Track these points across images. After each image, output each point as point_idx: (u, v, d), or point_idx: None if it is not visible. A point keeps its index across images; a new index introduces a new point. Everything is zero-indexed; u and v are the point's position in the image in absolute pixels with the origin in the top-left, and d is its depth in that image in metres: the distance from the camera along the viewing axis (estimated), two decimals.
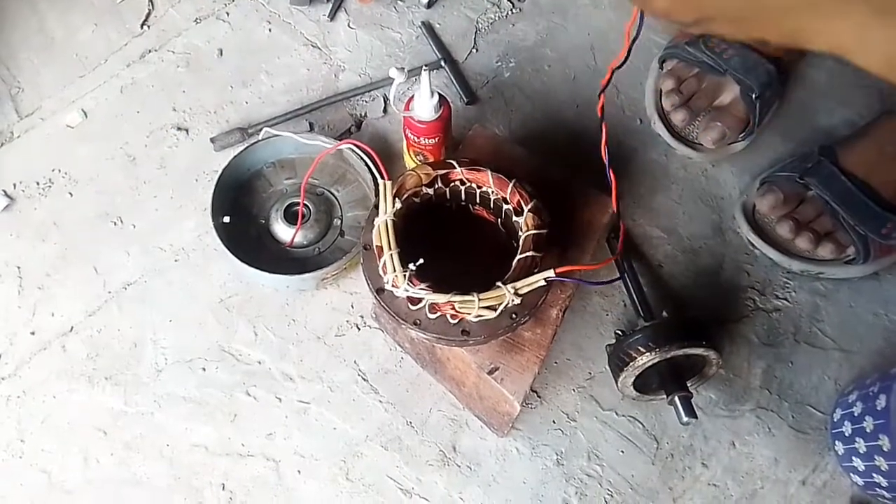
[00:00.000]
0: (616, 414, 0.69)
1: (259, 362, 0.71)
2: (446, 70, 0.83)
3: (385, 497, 0.66)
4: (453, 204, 0.62)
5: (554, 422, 0.68)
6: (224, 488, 0.66)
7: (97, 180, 0.78)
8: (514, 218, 0.58)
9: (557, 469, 0.67)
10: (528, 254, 0.55)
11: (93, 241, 0.75)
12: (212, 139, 0.79)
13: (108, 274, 0.74)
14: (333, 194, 0.77)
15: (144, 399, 0.69)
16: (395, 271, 0.53)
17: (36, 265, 0.74)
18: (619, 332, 0.64)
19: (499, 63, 0.85)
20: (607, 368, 0.65)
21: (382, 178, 0.57)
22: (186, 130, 0.81)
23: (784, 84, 0.79)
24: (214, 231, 0.70)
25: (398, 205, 0.56)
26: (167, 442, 0.67)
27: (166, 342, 0.71)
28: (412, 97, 0.66)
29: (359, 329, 0.72)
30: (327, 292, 0.73)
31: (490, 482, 0.66)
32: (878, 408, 0.60)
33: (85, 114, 0.82)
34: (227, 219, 0.71)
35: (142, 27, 0.87)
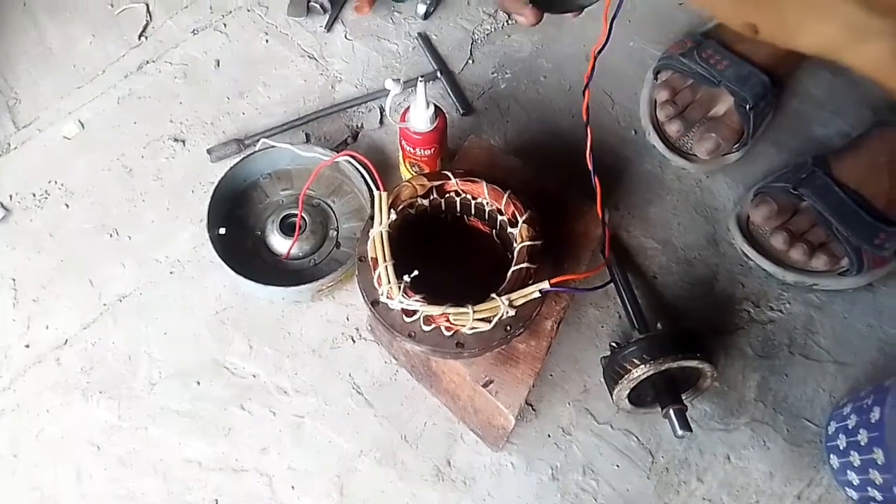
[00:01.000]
0: (611, 427, 0.69)
1: (254, 375, 0.70)
2: (442, 81, 0.84)
3: None
4: (448, 215, 0.62)
5: (549, 435, 0.68)
6: None
7: (93, 192, 0.78)
8: (509, 229, 0.58)
9: (553, 484, 0.66)
10: (523, 265, 0.55)
11: (88, 253, 0.75)
12: (208, 150, 0.79)
13: (104, 286, 0.74)
14: (329, 205, 0.77)
15: (138, 413, 0.69)
16: (390, 283, 0.53)
17: (31, 277, 0.74)
18: (614, 345, 0.64)
19: (495, 74, 0.85)
20: (602, 381, 0.65)
21: (378, 189, 0.57)
22: (183, 142, 0.81)
23: (778, 95, 0.80)
24: (210, 243, 0.70)
25: (393, 216, 0.56)
26: (161, 457, 0.67)
27: (161, 355, 0.71)
28: (408, 108, 0.66)
29: (354, 342, 0.72)
30: (322, 304, 0.73)
31: (485, 497, 0.66)
32: (873, 420, 0.60)
33: (82, 125, 0.82)
34: (223, 230, 0.71)
35: (139, 38, 0.87)
